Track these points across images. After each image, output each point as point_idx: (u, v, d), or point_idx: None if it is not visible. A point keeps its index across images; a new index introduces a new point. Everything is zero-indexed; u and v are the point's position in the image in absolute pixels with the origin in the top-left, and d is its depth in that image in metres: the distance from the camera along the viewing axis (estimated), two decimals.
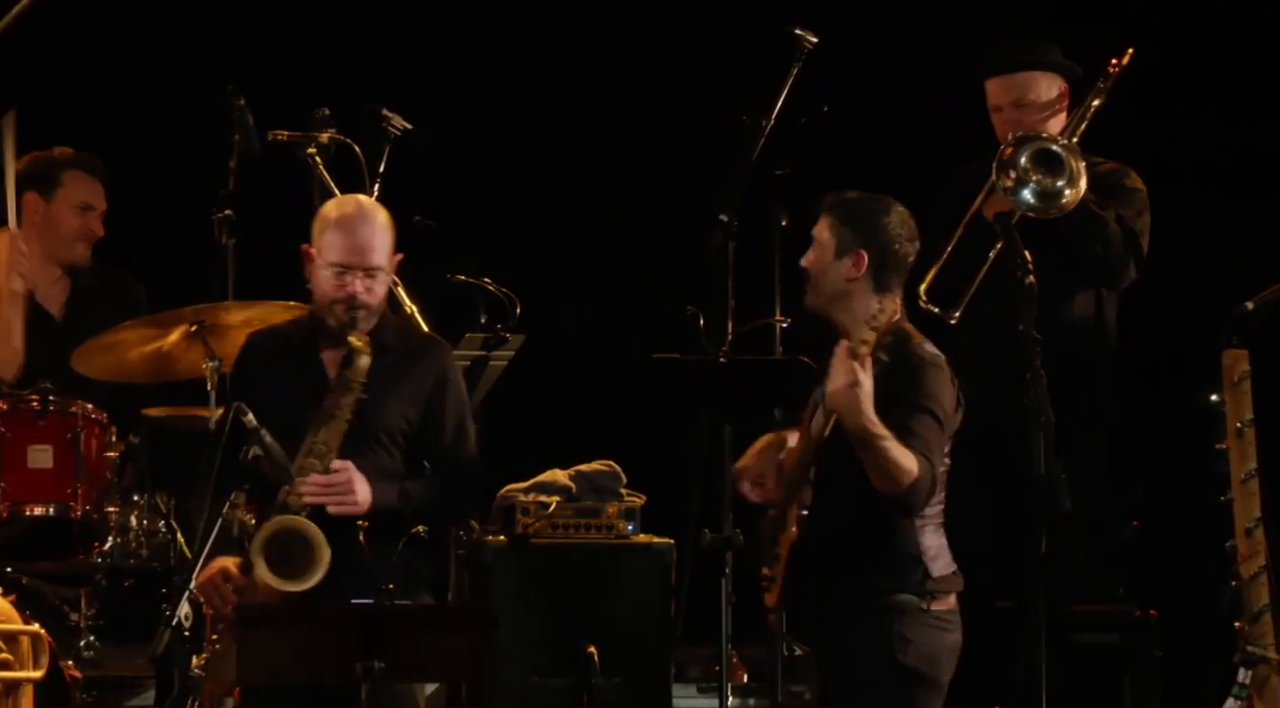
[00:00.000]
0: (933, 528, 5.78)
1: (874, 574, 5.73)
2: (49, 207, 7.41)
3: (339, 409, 5.92)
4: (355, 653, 5.47)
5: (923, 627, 5.71)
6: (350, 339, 5.93)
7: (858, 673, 5.72)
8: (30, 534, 6.86)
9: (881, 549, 5.74)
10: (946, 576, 5.77)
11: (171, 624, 5.79)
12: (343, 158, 7.18)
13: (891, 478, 5.59)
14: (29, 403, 6.84)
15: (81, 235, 7.43)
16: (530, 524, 7.16)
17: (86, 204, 7.43)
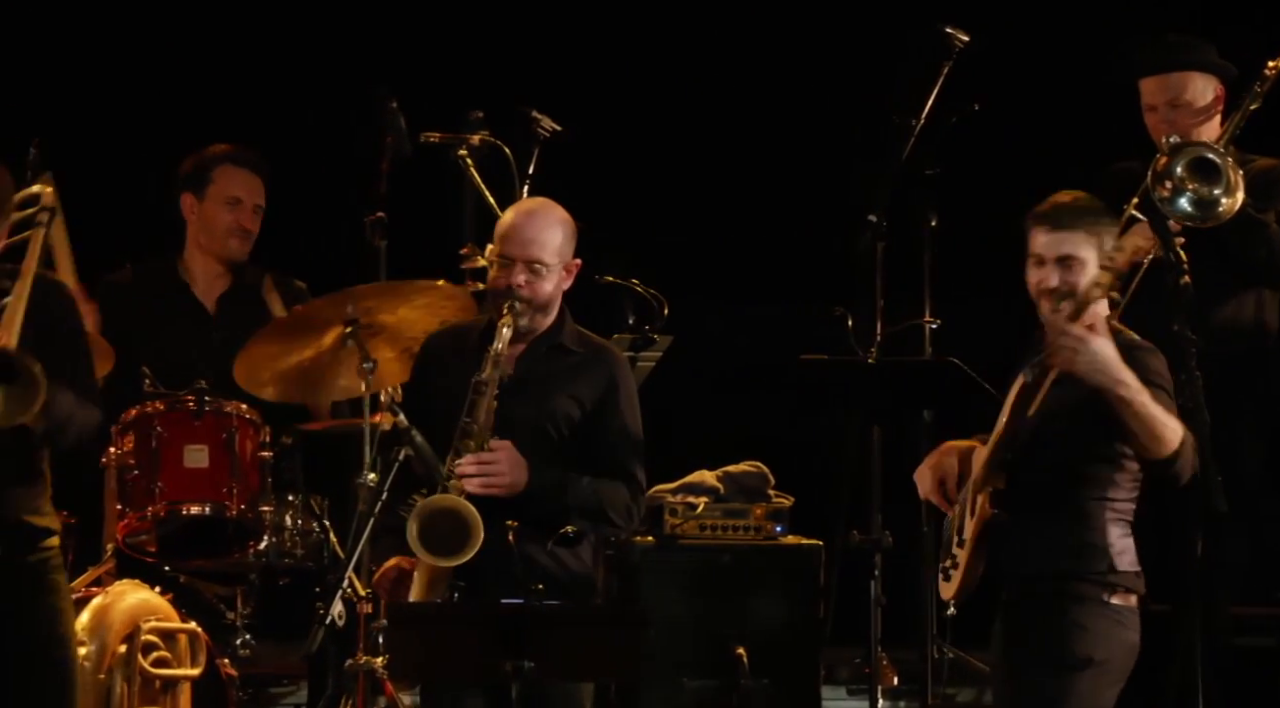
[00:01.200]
0: (1122, 524, 5.75)
1: (1060, 560, 5.71)
2: (203, 205, 7.47)
3: (485, 385, 5.95)
4: (504, 652, 5.49)
5: (1100, 617, 5.69)
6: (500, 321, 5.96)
7: (1034, 658, 5.70)
8: (187, 533, 6.92)
9: (1070, 536, 5.72)
10: (1129, 573, 5.74)
11: (325, 623, 5.84)
12: (494, 160, 7.21)
13: (1159, 437, 5.55)
14: (185, 403, 6.90)
15: (232, 230, 7.45)
16: (678, 525, 7.17)
17: (234, 198, 7.44)
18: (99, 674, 6.38)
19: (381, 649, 6.17)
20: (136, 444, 6.86)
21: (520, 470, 5.94)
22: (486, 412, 5.94)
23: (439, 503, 5.84)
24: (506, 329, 5.96)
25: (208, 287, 7.50)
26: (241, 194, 7.44)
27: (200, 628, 6.60)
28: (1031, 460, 5.73)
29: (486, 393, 5.94)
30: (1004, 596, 5.80)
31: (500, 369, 5.96)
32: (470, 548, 5.81)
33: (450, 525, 5.82)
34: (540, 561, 5.99)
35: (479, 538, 5.80)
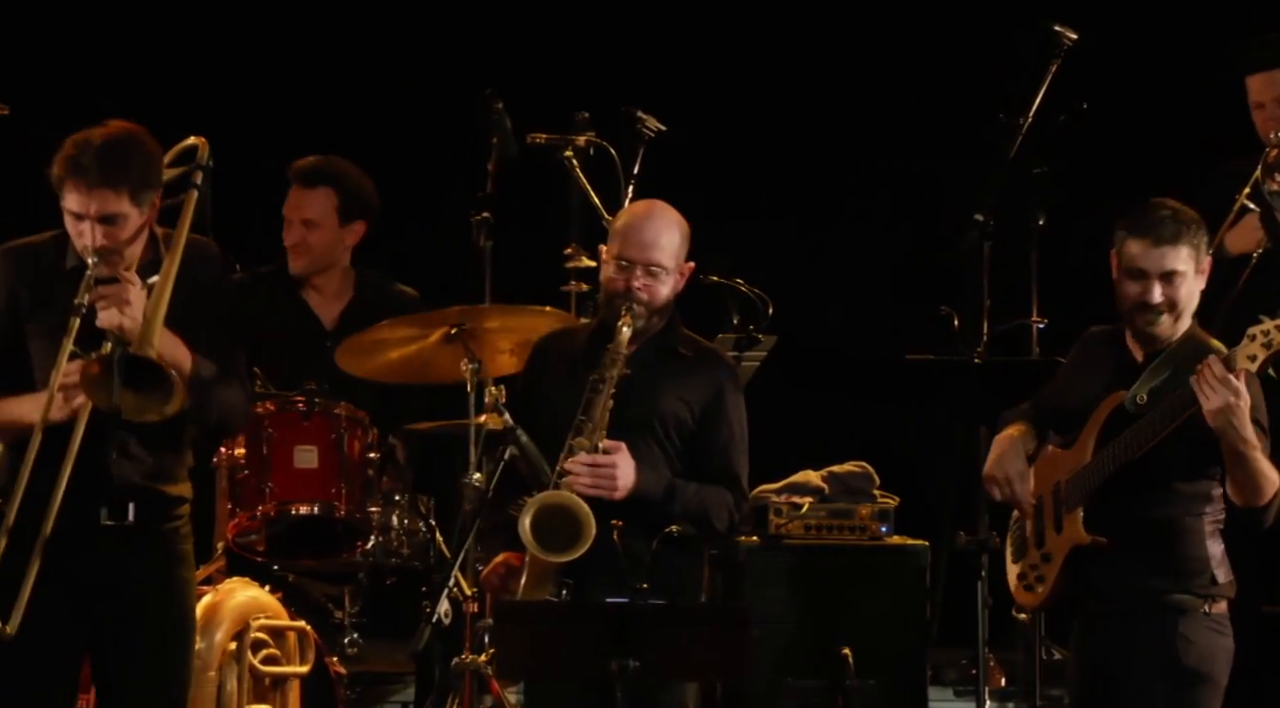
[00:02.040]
0: (1218, 534, 5.80)
1: (1161, 576, 5.75)
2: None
3: (603, 383, 5.97)
4: (609, 651, 5.50)
5: (1202, 629, 5.73)
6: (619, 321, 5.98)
7: (1139, 673, 5.71)
8: (296, 533, 6.97)
9: (1172, 552, 5.76)
10: (1226, 582, 5.79)
11: (432, 621, 5.86)
12: (599, 160, 7.23)
13: (1258, 490, 5.67)
14: (295, 404, 6.95)
15: (288, 246, 7.47)
16: (783, 525, 7.16)
17: (285, 216, 7.48)
18: (209, 671, 6.43)
19: (487, 648, 6.20)
20: (247, 444, 6.92)
21: (631, 474, 5.96)
22: (602, 410, 5.96)
23: (552, 499, 5.86)
24: (627, 329, 5.97)
25: (323, 295, 7.53)
26: (288, 212, 7.47)
27: (309, 627, 6.65)
28: (1131, 481, 5.73)
29: (603, 391, 5.96)
30: (1093, 606, 5.79)
31: (619, 368, 5.97)
32: (581, 545, 5.83)
33: (562, 522, 5.84)
34: (644, 560, 5.99)
35: (590, 535, 5.82)
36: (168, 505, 5.65)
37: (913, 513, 7.35)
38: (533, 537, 5.82)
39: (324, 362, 7.06)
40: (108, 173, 5.46)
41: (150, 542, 5.61)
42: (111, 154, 5.47)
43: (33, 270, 5.61)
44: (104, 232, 5.48)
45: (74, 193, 5.48)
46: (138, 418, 5.43)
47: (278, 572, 6.99)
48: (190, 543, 5.71)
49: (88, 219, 5.48)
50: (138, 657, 5.60)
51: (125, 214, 5.50)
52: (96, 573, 5.56)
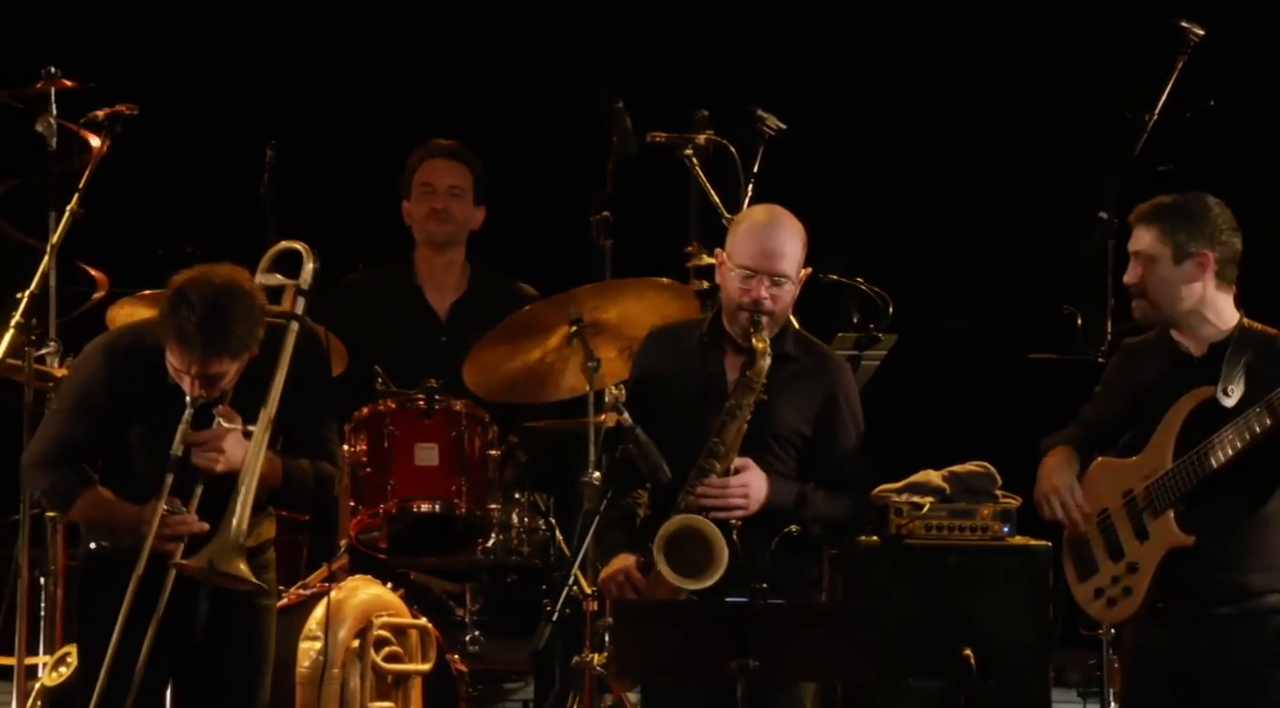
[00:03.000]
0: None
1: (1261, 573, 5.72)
2: (411, 203, 7.58)
3: (739, 409, 5.97)
4: (730, 651, 5.49)
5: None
6: (753, 341, 5.97)
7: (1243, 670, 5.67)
8: (417, 530, 7.01)
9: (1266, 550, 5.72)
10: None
11: (552, 620, 5.88)
12: (719, 158, 7.22)
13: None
14: (416, 402, 6.99)
15: (428, 215, 7.52)
16: (904, 525, 7.12)
17: (426, 185, 7.52)
18: (333, 669, 6.47)
19: (606, 647, 6.21)
20: (369, 442, 6.96)
21: (763, 488, 5.97)
22: (736, 434, 5.96)
23: (687, 523, 5.88)
24: (766, 359, 5.96)
25: (439, 289, 7.58)
26: (432, 179, 7.52)
27: (431, 624, 6.68)
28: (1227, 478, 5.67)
29: (739, 417, 5.97)
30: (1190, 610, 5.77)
31: (756, 395, 5.96)
32: (714, 573, 5.83)
33: (696, 547, 5.86)
34: (764, 559, 5.99)
35: (723, 565, 5.84)
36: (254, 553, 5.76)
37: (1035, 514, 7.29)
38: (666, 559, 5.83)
39: (440, 355, 7.10)
40: (210, 343, 5.57)
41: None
42: (213, 322, 5.55)
43: (134, 375, 5.73)
44: (204, 384, 5.61)
45: (176, 354, 5.61)
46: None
47: (400, 569, 7.03)
48: (272, 571, 5.83)
49: (188, 375, 5.60)
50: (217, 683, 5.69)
51: (226, 372, 5.63)
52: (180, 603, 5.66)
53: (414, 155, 7.59)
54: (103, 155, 6.93)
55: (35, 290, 6.80)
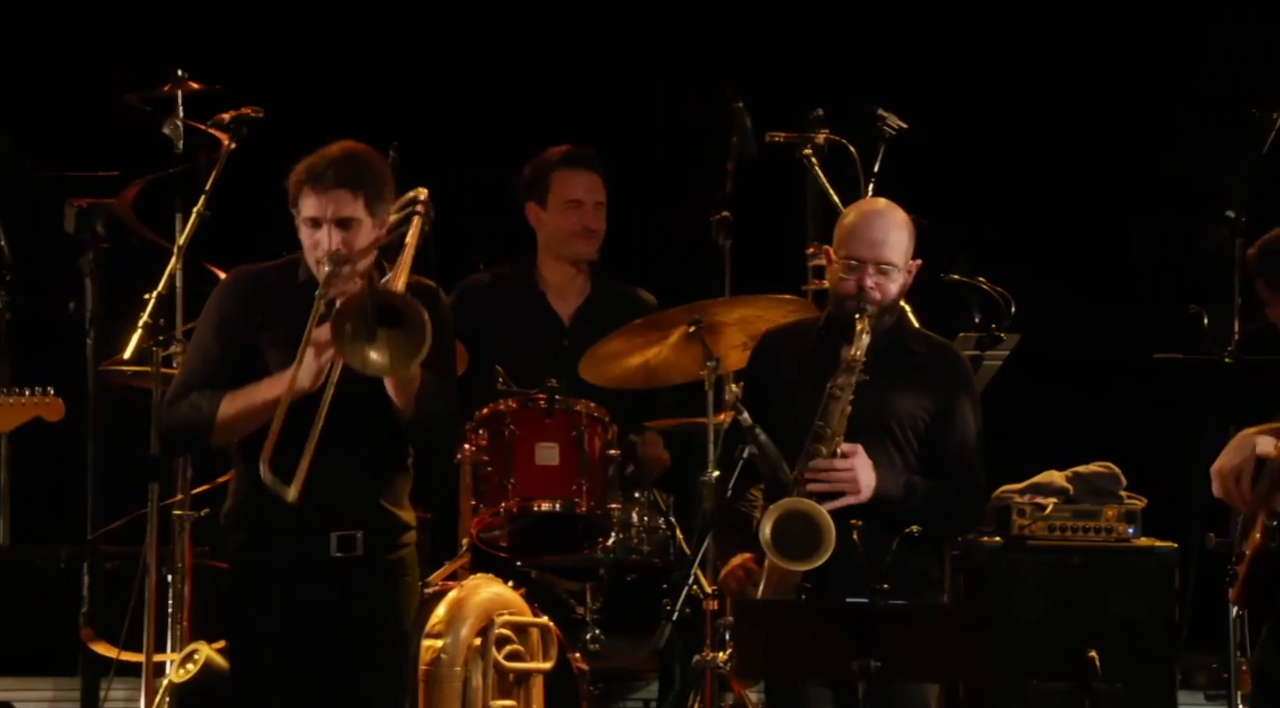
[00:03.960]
0: None
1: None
2: (546, 212, 7.57)
3: (840, 390, 5.96)
4: (851, 651, 5.48)
5: None
6: (855, 320, 5.97)
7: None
8: (538, 529, 7.03)
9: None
10: None
11: (673, 619, 5.89)
12: (838, 158, 7.20)
13: None
14: (536, 402, 7.02)
15: (577, 233, 7.53)
16: (1026, 526, 7.09)
17: (574, 201, 7.52)
18: (455, 667, 6.50)
19: (727, 646, 6.21)
20: (490, 441, 6.99)
21: (871, 476, 5.94)
22: (840, 416, 5.95)
23: (793, 506, 5.86)
24: (865, 335, 5.95)
25: (562, 294, 7.60)
26: (580, 195, 7.52)
27: (552, 623, 6.70)
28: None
29: (842, 398, 5.95)
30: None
31: (857, 375, 5.96)
32: (822, 553, 5.82)
33: (803, 529, 5.84)
34: (885, 560, 5.97)
35: (831, 544, 5.81)
36: (395, 534, 5.76)
37: (1161, 515, 7.24)
38: (773, 545, 5.82)
39: (563, 359, 7.12)
40: (344, 176, 5.61)
41: (377, 571, 5.73)
42: (348, 160, 5.63)
43: (265, 287, 5.75)
44: (340, 237, 5.59)
45: (311, 197, 5.62)
46: (388, 370, 5.50)
47: (521, 568, 7.05)
48: (415, 572, 5.82)
49: (324, 223, 5.60)
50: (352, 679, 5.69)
51: (360, 219, 5.62)
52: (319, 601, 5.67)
53: (547, 160, 7.54)
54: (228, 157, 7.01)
55: (163, 291, 6.88)
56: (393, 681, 5.73)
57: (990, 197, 8.78)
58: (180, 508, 6.94)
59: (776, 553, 5.82)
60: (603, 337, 6.91)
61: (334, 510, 5.66)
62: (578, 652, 6.87)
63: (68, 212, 7.40)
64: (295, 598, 5.65)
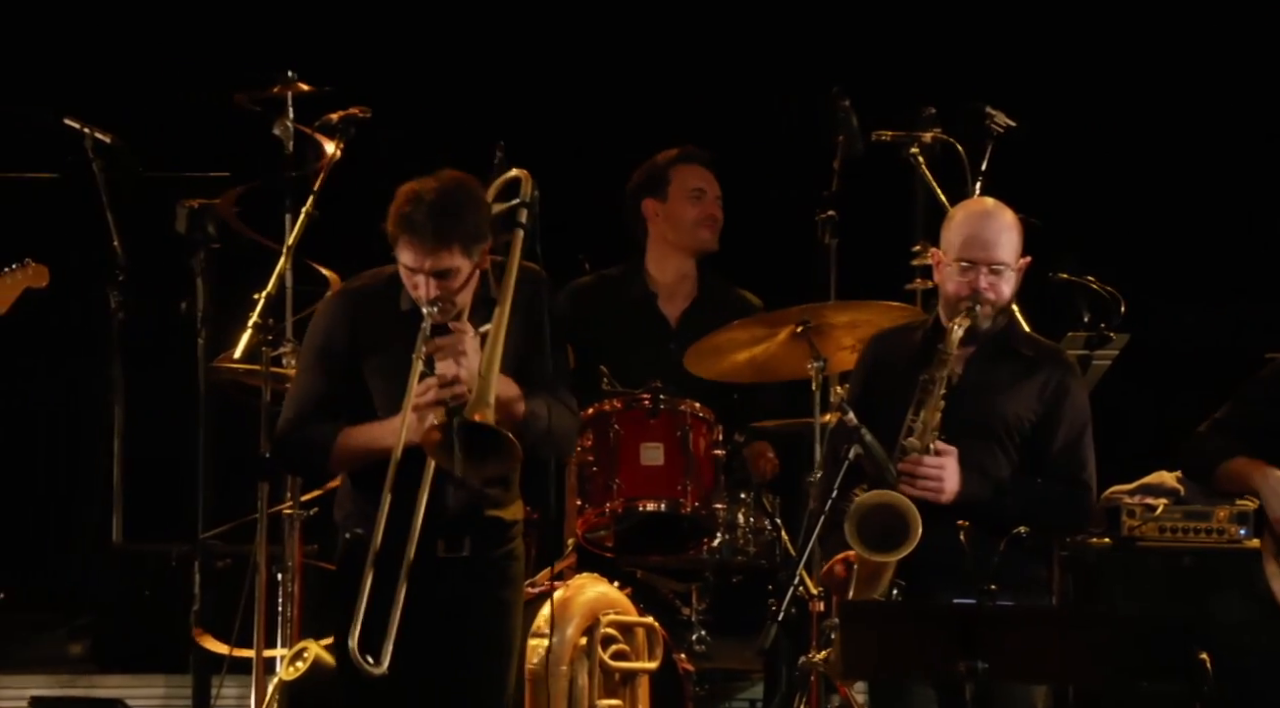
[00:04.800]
0: None
1: None
2: (667, 205, 7.59)
3: (932, 384, 5.93)
4: (958, 652, 5.45)
5: None
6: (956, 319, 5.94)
7: None
8: (643, 529, 7.04)
9: None
10: None
11: (778, 620, 5.88)
12: (946, 157, 7.17)
13: None
14: (641, 402, 7.03)
15: (701, 221, 7.57)
16: (1136, 527, 7.04)
17: (697, 190, 7.56)
18: (561, 666, 6.52)
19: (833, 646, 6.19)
20: (595, 442, 7.01)
21: (954, 482, 5.91)
22: (932, 410, 5.93)
23: (878, 499, 5.84)
24: (959, 329, 5.93)
25: (670, 296, 7.61)
26: (703, 185, 7.56)
27: (658, 623, 6.70)
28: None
29: (934, 392, 5.93)
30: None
31: (949, 369, 5.93)
32: (907, 545, 5.79)
33: (889, 521, 5.82)
34: (991, 561, 5.94)
35: (916, 535, 5.79)
36: (501, 532, 5.77)
37: None
38: (858, 537, 5.81)
39: (669, 360, 7.13)
40: (441, 232, 5.60)
41: (483, 569, 5.75)
42: (444, 212, 5.60)
43: (369, 311, 5.76)
44: (438, 285, 5.63)
45: (408, 250, 5.64)
46: (479, 480, 5.57)
47: (626, 568, 7.06)
48: (520, 564, 5.83)
49: (422, 274, 5.63)
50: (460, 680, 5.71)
51: (458, 268, 5.64)
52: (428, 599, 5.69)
53: (664, 158, 7.58)
54: (336, 158, 7.05)
55: (272, 291, 6.93)
56: (498, 680, 5.75)
57: (1099, 194, 8.72)
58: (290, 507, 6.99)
59: (861, 545, 5.81)
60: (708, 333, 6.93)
61: (437, 510, 5.68)
62: (683, 652, 6.87)
63: (179, 212, 7.47)
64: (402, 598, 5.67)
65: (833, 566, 6.04)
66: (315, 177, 7.05)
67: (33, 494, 8.79)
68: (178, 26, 8.77)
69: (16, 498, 8.73)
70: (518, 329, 5.67)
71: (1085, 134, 8.69)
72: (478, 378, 5.55)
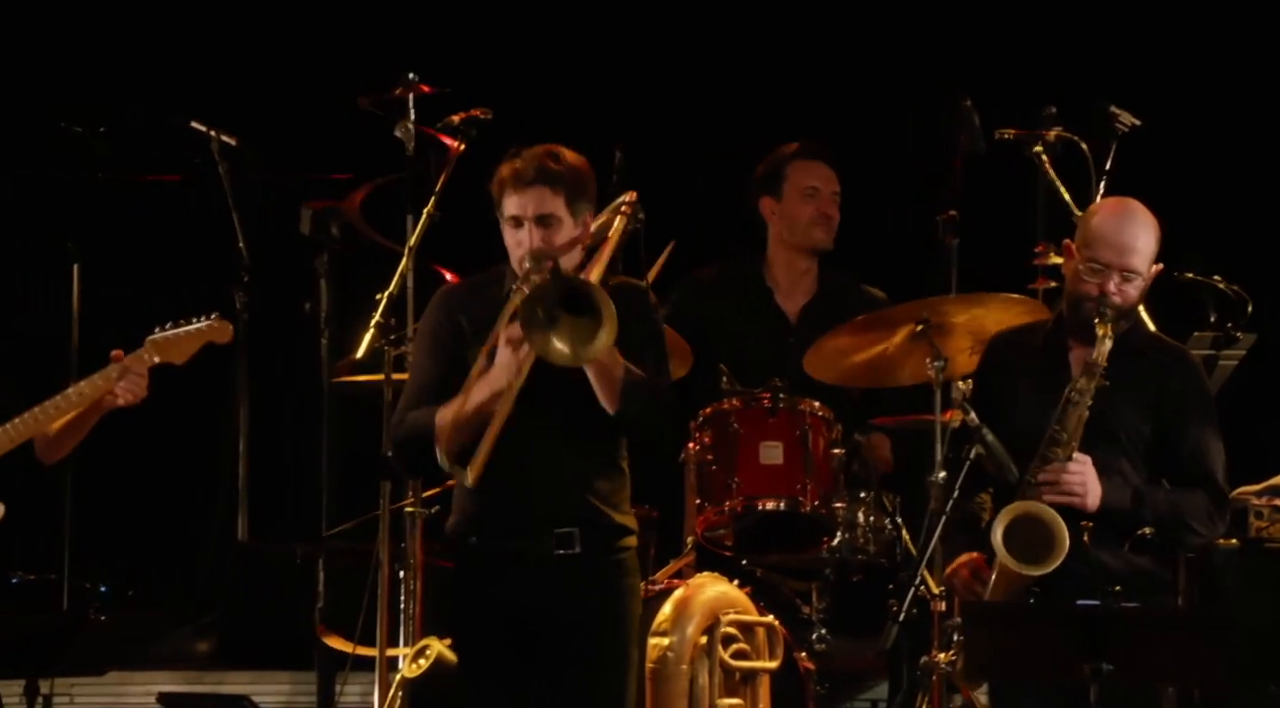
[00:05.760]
0: None
1: None
2: (782, 204, 7.59)
3: (1080, 395, 5.90)
4: (1082, 654, 5.41)
5: None
6: (1095, 325, 5.90)
7: None
8: (763, 528, 7.04)
9: None
10: None
11: (899, 620, 5.86)
12: (1069, 155, 7.12)
13: None
14: (761, 400, 7.02)
15: (815, 220, 7.56)
16: (1264, 528, 6.95)
17: (811, 188, 7.55)
18: (682, 665, 6.52)
19: (955, 647, 6.17)
20: (714, 440, 7.01)
21: (1098, 487, 5.88)
22: (1077, 421, 5.89)
23: (1027, 510, 5.81)
24: (1108, 340, 5.88)
25: (789, 291, 7.60)
26: (818, 183, 7.55)
27: (778, 622, 6.69)
28: None
29: (1080, 403, 5.89)
30: None
31: (1098, 381, 5.89)
32: (1055, 559, 5.76)
33: (1035, 534, 5.79)
34: (1116, 563, 5.90)
35: (1064, 550, 5.76)
36: (613, 535, 5.78)
37: None
38: (1005, 546, 5.77)
39: (788, 356, 7.12)
40: (544, 173, 5.68)
41: (596, 572, 5.75)
42: (548, 159, 5.70)
43: (473, 299, 5.82)
44: (541, 235, 5.65)
45: (512, 196, 5.70)
46: (574, 358, 5.54)
47: (746, 567, 7.06)
48: (636, 576, 5.84)
49: (525, 221, 5.66)
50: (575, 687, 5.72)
51: (560, 217, 5.68)
52: (541, 600, 5.71)
53: (781, 154, 7.58)
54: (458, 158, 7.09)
55: (394, 291, 6.97)
56: (614, 680, 5.75)
57: (1225, 193, 8.63)
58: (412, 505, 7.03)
59: (1009, 556, 5.77)
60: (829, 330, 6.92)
61: (548, 508, 5.70)
62: (804, 651, 6.86)
63: (303, 214, 7.54)
64: (517, 597, 5.69)
65: (958, 567, 6.02)
66: (437, 178, 7.09)
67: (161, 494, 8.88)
68: (302, 30, 8.84)
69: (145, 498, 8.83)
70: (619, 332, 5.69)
71: (1211, 131, 8.60)
72: None
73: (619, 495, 5.81)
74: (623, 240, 5.80)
